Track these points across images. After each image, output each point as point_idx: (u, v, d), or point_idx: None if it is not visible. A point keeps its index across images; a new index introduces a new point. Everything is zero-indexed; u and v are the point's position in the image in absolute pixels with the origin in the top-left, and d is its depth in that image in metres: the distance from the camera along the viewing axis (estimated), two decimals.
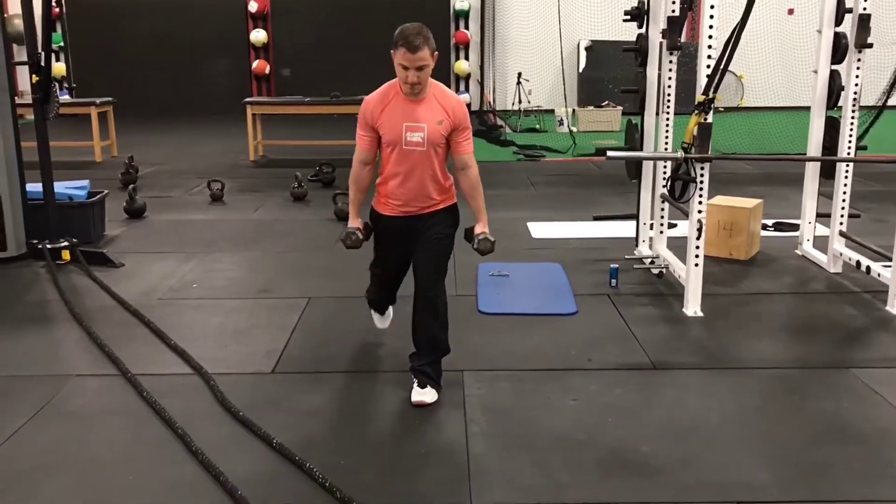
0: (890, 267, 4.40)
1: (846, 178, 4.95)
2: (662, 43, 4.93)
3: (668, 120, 5.01)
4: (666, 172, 4.81)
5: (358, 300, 4.05)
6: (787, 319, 4.40)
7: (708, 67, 4.08)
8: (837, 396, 3.36)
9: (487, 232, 3.40)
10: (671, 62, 4.95)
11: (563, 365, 3.67)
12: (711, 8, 4.05)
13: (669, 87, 4.96)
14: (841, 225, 4.99)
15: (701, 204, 4.25)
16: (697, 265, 4.29)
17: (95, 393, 3.45)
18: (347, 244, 3.45)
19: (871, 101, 7.53)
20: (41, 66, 5.26)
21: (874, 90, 7.55)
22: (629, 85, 5.44)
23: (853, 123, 4.84)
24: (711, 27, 4.07)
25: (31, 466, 2.84)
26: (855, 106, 4.82)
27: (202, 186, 7.82)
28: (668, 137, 5.04)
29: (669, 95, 4.97)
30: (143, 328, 4.15)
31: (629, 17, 5.13)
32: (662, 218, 5.15)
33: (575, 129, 11.36)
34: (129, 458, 2.92)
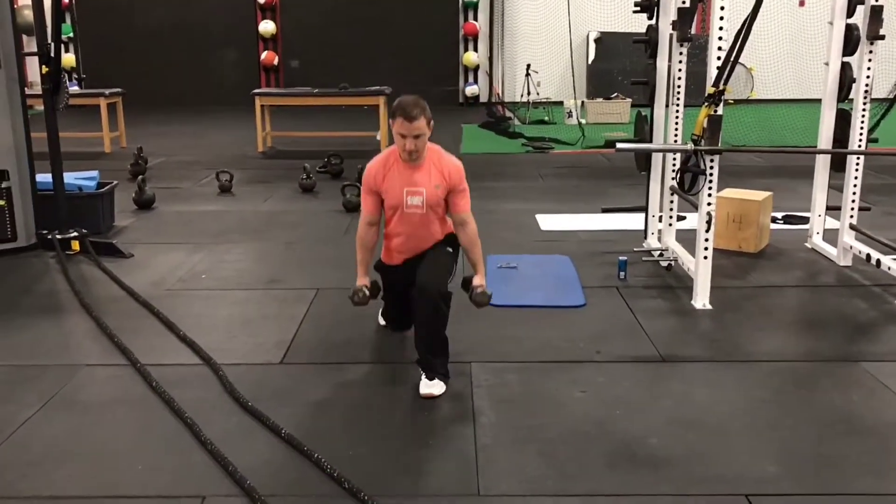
0: None
1: (857, 170, 4.92)
2: (673, 34, 4.91)
3: (677, 112, 4.99)
4: (675, 164, 4.80)
5: None
6: (796, 313, 4.39)
7: (718, 59, 4.06)
8: (847, 390, 3.35)
9: (484, 285, 3.49)
10: (681, 54, 4.93)
11: (571, 357, 3.67)
12: None
13: (679, 78, 4.94)
14: (851, 218, 4.96)
15: (710, 196, 4.23)
16: (706, 258, 4.28)
17: (105, 383, 3.47)
18: (355, 301, 3.57)
19: (882, 93, 7.50)
20: (51, 56, 5.28)
21: (886, 82, 7.51)
22: (638, 77, 5.42)
23: (864, 116, 4.81)
24: (722, 18, 4.05)
25: (41, 455, 2.86)
26: (866, 98, 4.79)
27: (211, 178, 7.84)
28: (677, 129, 5.02)
29: (679, 87, 4.95)
30: (152, 319, 4.17)
31: (639, 8, 5.11)
32: (672, 210, 5.14)
33: (584, 121, 11.31)
34: (138, 447, 2.94)
